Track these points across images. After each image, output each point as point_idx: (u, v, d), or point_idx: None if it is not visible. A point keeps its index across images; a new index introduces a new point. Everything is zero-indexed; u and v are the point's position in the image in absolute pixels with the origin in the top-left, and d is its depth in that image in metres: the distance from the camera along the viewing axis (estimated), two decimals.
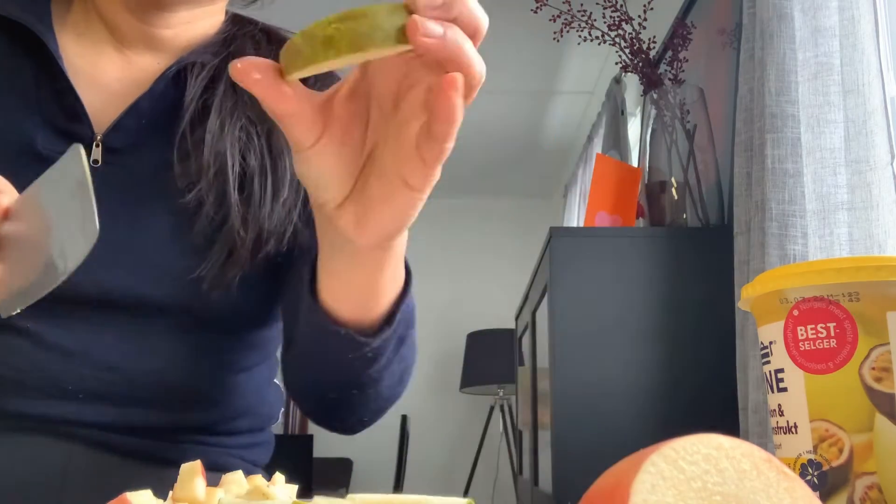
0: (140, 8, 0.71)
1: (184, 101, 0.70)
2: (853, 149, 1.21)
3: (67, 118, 0.67)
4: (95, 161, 0.67)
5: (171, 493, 0.38)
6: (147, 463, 0.67)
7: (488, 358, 3.82)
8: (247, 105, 0.71)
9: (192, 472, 0.38)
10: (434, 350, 4.45)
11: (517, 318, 2.48)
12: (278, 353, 0.81)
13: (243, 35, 0.76)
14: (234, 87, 0.71)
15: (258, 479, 0.42)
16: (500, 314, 4.28)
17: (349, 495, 0.38)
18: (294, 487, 0.43)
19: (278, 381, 0.81)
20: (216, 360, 0.71)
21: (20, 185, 0.64)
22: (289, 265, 0.73)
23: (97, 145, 0.67)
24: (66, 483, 0.63)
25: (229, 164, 0.68)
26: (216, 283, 0.66)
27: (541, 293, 1.71)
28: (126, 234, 0.65)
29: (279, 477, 0.43)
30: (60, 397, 0.63)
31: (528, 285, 2.11)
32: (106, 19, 0.73)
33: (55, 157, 0.65)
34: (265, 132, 0.71)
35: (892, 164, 1.18)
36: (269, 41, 0.77)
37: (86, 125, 0.67)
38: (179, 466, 0.38)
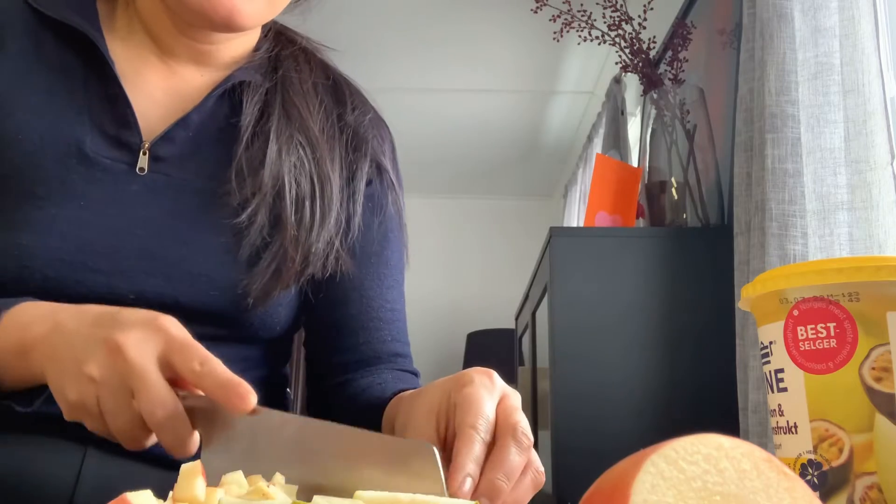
0: (187, 26, 0.72)
1: (234, 120, 0.72)
2: (853, 149, 1.21)
3: (117, 124, 0.68)
4: (142, 168, 0.68)
5: (171, 493, 0.38)
6: (160, 466, 0.66)
7: (488, 358, 3.82)
8: (299, 129, 0.74)
9: (192, 472, 0.38)
10: (434, 350, 4.45)
11: (517, 318, 2.48)
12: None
13: (287, 56, 0.79)
14: (287, 114, 0.74)
15: (258, 479, 0.42)
16: (500, 314, 4.28)
17: (357, 492, 0.38)
18: (294, 487, 0.43)
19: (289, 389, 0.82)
20: (238, 370, 0.72)
21: (64, 185, 0.64)
22: (326, 290, 0.76)
23: (144, 153, 0.68)
24: (79, 486, 0.63)
25: (287, 187, 0.70)
26: (260, 297, 0.68)
27: (541, 293, 1.71)
28: (168, 243, 0.66)
29: (279, 477, 0.43)
30: None
31: (528, 285, 2.11)
32: (149, 29, 0.74)
33: (102, 161, 0.66)
34: (315, 159, 0.73)
35: (892, 164, 1.18)
36: (307, 61, 0.80)
37: (135, 132, 0.68)
38: None
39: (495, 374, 0.54)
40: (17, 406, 0.55)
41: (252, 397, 0.46)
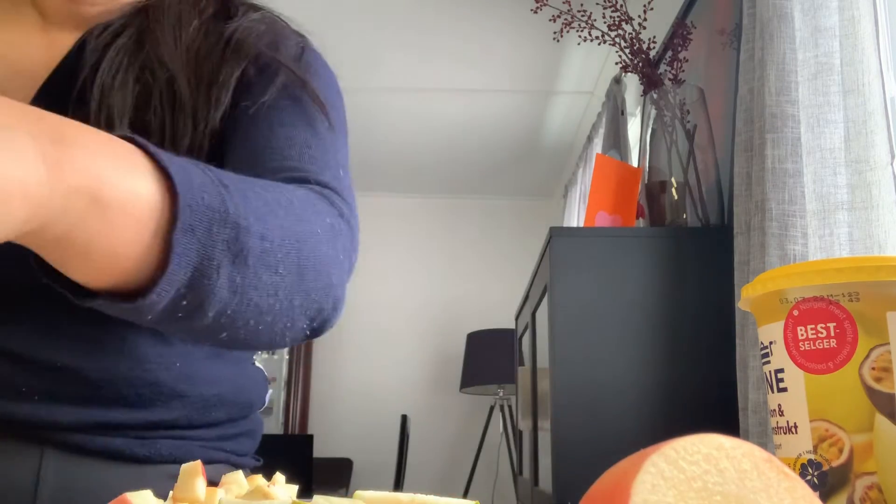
0: None
1: (80, 63, 0.65)
2: (853, 149, 1.21)
3: None
4: None
5: (171, 493, 0.38)
6: (121, 461, 0.64)
7: (488, 358, 3.82)
8: (147, 55, 0.65)
9: (192, 473, 0.38)
10: (434, 350, 4.45)
11: (517, 318, 2.48)
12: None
13: None
14: (137, 39, 0.66)
15: (258, 479, 0.42)
16: (500, 314, 4.28)
17: (357, 492, 0.38)
18: (294, 487, 0.43)
19: (260, 364, 0.76)
20: (175, 350, 0.68)
21: None
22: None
23: None
24: (40, 487, 0.61)
25: (117, 121, 0.62)
26: None
27: (541, 293, 1.71)
28: None
29: (279, 477, 0.43)
30: (18, 399, 0.61)
31: (528, 285, 2.11)
32: (35, 2, 0.70)
33: None
34: (165, 81, 0.64)
35: (892, 164, 1.18)
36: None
37: None
38: (155, 463, 0.37)
39: None
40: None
41: None
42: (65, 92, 0.65)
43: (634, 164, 2.16)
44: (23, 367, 0.62)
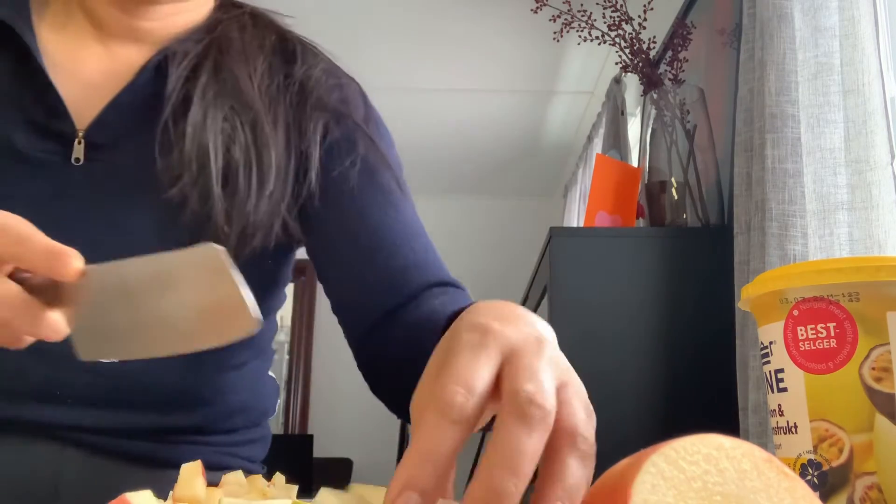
0: (125, 1, 0.69)
1: (165, 92, 0.67)
2: (853, 149, 1.21)
3: (48, 115, 0.65)
4: (77, 159, 0.65)
5: (171, 493, 0.38)
6: (142, 465, 0.66)
7: None
8: (231, 94, 0.68)
9: (192, 472, 0.38)
10: None
11: None
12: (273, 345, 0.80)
13: (229, 19, 0.73)
14: (216, 75, 0.69)
15: (258, 479, 0.42)
16: None
17: (352, 485, 0.38)
18: (294, 487, 0.43)
19: (272, 373, 0.80)
20: (205, 359, 0.68)
21: (1, 186, 0.61)
22: (287, 260, 0.72)
23: (79, 142, 0.65)
24: (59, 488, 0.62)
25: (212, 157, 0.65)
26: None
27: (541, 293, 1.71)
28: (108, 233, 0.63)
29: (279, 477, 0.43)
30: (49, 402, 0.62)
31: (528, 285, 2.11)
32: (88, 11, 0.71)
33: (35, 156, 0.63)
34: (250, 122, 0.68)
35: (892, 164, 1.18)
36: (255, 25, 0.75)
37: (67, 122, 0.65)
38: (176, 467, 0.38)
39: (494, 326, 0.38)
40: None
41: (75, 260, 0.44)
42: (140, 111, 0.67)
43: (634, 164, 2.16)
44: (58, 368, 0.62)
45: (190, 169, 0.65)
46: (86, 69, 0.69)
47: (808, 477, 0.47)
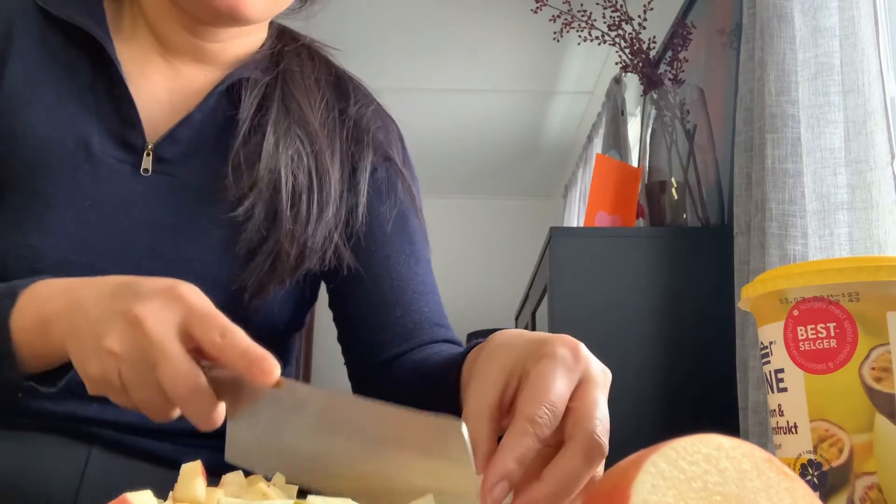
0: (193, 22, 0.72)
1: (236, 116, 0.72)
2: (853, 149, 1.21)
3: (123, 124, 0.68)
4: (146, 170, 0.68)
5: (171, 493, 0.38)
6: (164, 466, 0.66)
7: None
8: (298, 123, 0.74)
9: (192, 473, 0.38)
10: None
11: (517, 318, 2.48)
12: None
13: (289, 52, 0.79)
14: (284, 104, 0.74)
15: (258, 479, 0.42)
16: (500, 314, 4.27)
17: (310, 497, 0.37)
18: (294, 487, 0.43)
19: None
20: None
21: (72, 184, 0.65)
22: (336, 286, 0.76)
23: (148, 154, 0.68)
24: (83, 484, 0.63)
25: (283, 181, 0.70)
26: (257, 293, 0.68)
27: (541, 293, 1.71)
28: (172, 243, 0.67)
29: (279, 477, 0.43)
30: (83, 397, 0.62)
31: (528, 285, 2.11)
32: (154, 28, 0.74)
33: (108, 161, 0.67)
34: (314, 152, 0.73)
35: (892, 164, 1.18)
36: (311, 58, 0.80)
37: (139, 133, 0.68)
38: None
39: (582, 349, 0.46)
40: (40, 387, 0.53)
41: (276, 370, 0.44)
42: (209, 130, 0.71)
43: (634, 164, 2.16)
44: None
45: (260, 190, 0.69)
46: (153, 84, 0.72)
47: (808, 477, 0.47)
